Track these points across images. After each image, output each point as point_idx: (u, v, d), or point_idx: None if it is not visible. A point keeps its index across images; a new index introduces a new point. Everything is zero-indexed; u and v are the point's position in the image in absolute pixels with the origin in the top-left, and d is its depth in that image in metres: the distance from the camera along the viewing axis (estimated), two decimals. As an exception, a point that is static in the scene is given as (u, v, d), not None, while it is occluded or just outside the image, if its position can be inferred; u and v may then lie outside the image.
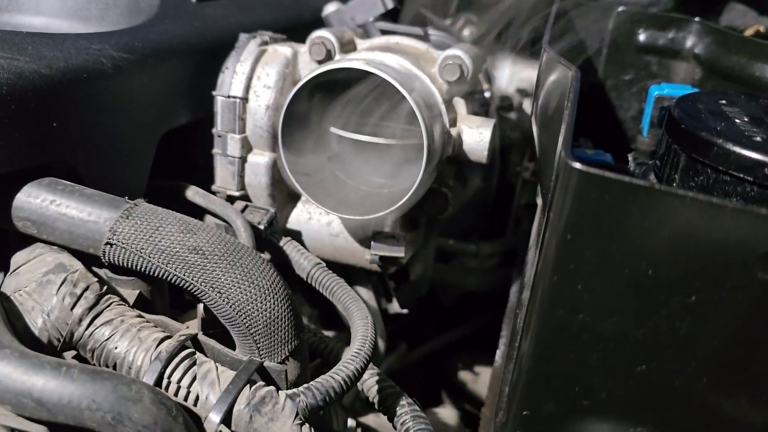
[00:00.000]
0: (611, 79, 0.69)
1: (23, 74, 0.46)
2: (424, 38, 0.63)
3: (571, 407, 0.38)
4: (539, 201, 0.65)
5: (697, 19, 0.65)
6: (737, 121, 0.40)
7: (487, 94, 0.73)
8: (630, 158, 0.56)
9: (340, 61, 0.54)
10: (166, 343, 0.45)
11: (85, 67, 0.50)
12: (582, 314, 0.34)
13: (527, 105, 0.99)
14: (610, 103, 0.69)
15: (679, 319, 0.33)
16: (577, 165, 0.30)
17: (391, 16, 0.77)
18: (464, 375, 0.89)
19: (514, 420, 0.40)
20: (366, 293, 0.70)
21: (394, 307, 0.72)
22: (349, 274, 0.69)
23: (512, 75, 1.14)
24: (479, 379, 0.89)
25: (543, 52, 0.47)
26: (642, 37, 0.66)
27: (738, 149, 0.36)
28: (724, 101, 0.44)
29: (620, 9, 0.66)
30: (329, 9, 0.68)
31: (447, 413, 0.69)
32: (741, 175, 0.36)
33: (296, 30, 0.75)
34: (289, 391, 0.44)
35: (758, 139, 0.38)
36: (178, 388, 0.43)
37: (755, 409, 0.35)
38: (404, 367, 0.85)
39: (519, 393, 0.39)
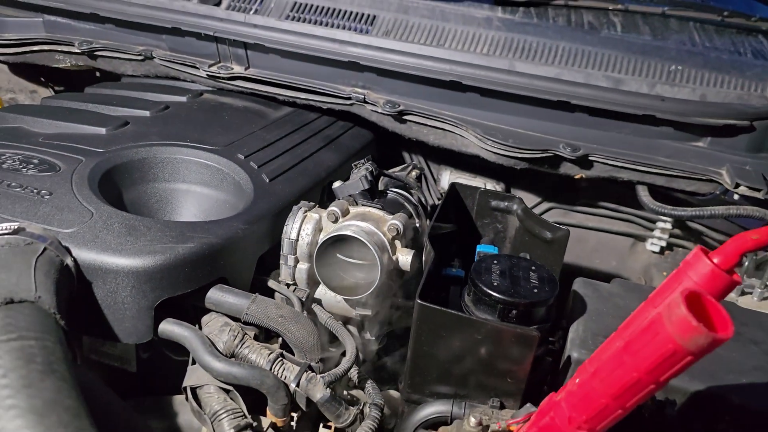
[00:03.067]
0: (479, 221, 1.35)
1: (212, 244, 1.11)
2: (383, 207, 1.28)
3: (428, 381, 1.04)
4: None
5: (517, 197, 1.31)
6: (493, 274, 1.06)
7: (417, 225, 1.39)
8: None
9: (341, 229, 1.19)
10: (271, 355, 1.09)
11: (232, 235, 1.15)
12: (425, 347, 1.00)
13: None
14: (479, 235, 1.35)
15: (460, 353, 0.98)
16: (419, 301, 0.96)
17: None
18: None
19: (407, 386, 1.06)
20: (353, 329, 1.36)
21: (367, 336, 1.38)
22: (346, 319, 1.34)
23: (449, 179, 1.80)
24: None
25: (426, 243, 1.13)
26: (492, 203, 1.32)
27: (484, 288, 1.02)
28: (495, 261, 1.09)
29: (481, 189, 1.33)
30: (336, 186, 1.34)
31: (393, 392, 1.34)
32: (486, 298, 1.02)
33: (322, 182, 1.41)
34: (321, 375, 1.09)
35: (495, 284, 1.03)
36: (278, 373, 1.08)
37: (490, 381, 1.00)
38: (374, 369, 1.51)
39: (408, 374, 1.05)
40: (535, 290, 1.02)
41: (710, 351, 0.63)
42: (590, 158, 1.48)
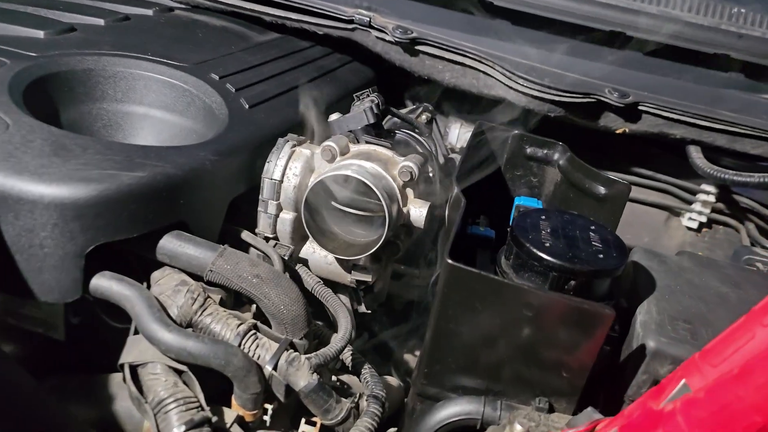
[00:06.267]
0: (509, 173, 1.09)
1: (169, 175, 0.83)
2: (391, 147, 1.02)
3: (451, 370, 0.78)
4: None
5: (560, 143, 1.05)
6: (543, 232, 0.80)
7: (431, 174, 1.12)
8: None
9: (339, 169, 0.92)
10: (241, 326, 0.82)
11: (197, 167, 0.87)
12: (452, 324, 0.73)
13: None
14: (508, 189, 1.09)
15: (498, 334, 0.73)
16: (449, 261, 0.70)
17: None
18: (407, 356, 1.28)
19: (423, 377, 0.80)
20: (345, 299, 1.09)
21: (362, 308, 1.11)
22: (336, 286, 1.07)
23: (459, 134, 1.53)
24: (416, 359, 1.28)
25: (454, 186, 0.86)
26: (528, 150, 1.06)
27: (533, 249, 0.76)
28: (543, 217, 0.83)
29: (515, 132, 1.06)
30: (332, 118, 1.06)
31: (391, 379, 1.08)
32: (534, 262, 0.76)
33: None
34: (306, 355, 0.82)
35: (547, 245, 0.77)
36: (249, 351, 0.81)
37: (536, 374, 0.75)
38: (366, 349, 1.25)
39: (425, 360, 0.79)
40: (600, 255, 0.77)
41: None
42: (640, 107, 1.22)
